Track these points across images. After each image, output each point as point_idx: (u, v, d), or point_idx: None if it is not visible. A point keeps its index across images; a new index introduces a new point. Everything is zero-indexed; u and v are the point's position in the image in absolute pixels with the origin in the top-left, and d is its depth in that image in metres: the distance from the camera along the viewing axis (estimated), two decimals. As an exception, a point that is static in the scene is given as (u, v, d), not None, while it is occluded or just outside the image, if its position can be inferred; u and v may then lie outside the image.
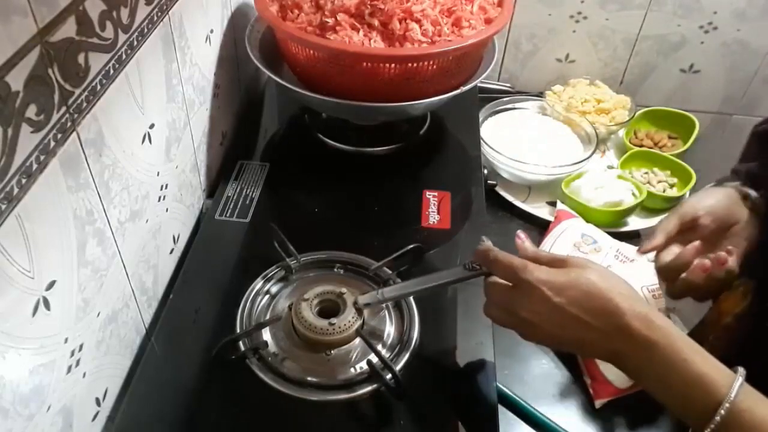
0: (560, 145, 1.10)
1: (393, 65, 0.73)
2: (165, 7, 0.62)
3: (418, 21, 0.77)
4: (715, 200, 0.69)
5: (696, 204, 0.69)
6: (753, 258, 0.66)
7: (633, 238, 1.00)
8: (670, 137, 1.21)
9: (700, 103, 1.29)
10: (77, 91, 0.47)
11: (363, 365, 0.59)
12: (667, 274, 0.65)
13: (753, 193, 0.69)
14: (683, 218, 0.68)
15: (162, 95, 0.64)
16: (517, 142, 1.07)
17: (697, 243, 0.64)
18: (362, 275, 0.68)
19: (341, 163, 0.87)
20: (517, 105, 1.18)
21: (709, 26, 1.19)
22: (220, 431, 0.57)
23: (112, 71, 0.52)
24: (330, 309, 0.62)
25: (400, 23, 0.76)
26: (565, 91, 1.23)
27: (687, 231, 0.68)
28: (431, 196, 0.80)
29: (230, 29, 0.86)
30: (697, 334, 0.83)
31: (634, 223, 1.03)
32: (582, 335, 0.49)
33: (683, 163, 1.11)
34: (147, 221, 0.64)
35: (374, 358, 0.58)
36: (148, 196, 0.63)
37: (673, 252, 0.66)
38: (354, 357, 0.60)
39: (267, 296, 0.66)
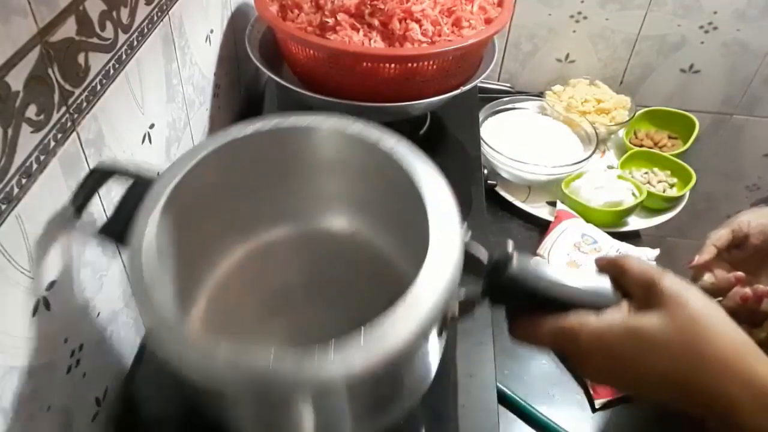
0: (560, 145, 1.10)
1: (393, 65, 0.73)
2: (165, 7, 0.62)
3: (418, 21, 0.77)
4: None
5: (750, 221, 0.67)
6: None
7: (633, 238, 1.01)
8: (670, 137, 1.21)
9: (700, 103, 1.29)
10: (77, 91, 0.47)
11: (363, 365, 0.59)
12: None
13: None
14: (735, 233, 0.67)
15: (162, 95, 0.64)
16: (517, 142, 1.07)
17: (739, 274, 0.62)
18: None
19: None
20: (517, 105, 1.18)
21: (709, 26, 1.19)
22: (220, 431, 0.57)
23: (112, 71, 0.52)
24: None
25: (400, 23, 0.76)
26: (565, 91, 1.23)
27: (735, 247, 0.67)
28: (431, 196, 0.80)
29: (230, 29, 0.86)
30: None
31: (634, 223, 1.03)
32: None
33: (683, 163, 1.11)
34: (147, 221, 0.63)
35: (374, 358, 0.58)
36: (148, 196, 0.63)
37: (711, 275, 0.66)
38: (354, 357, 0.60)
39: (267, 296, 0.66)
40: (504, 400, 0.73)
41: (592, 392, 0.76)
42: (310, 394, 0.35)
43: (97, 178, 0.48)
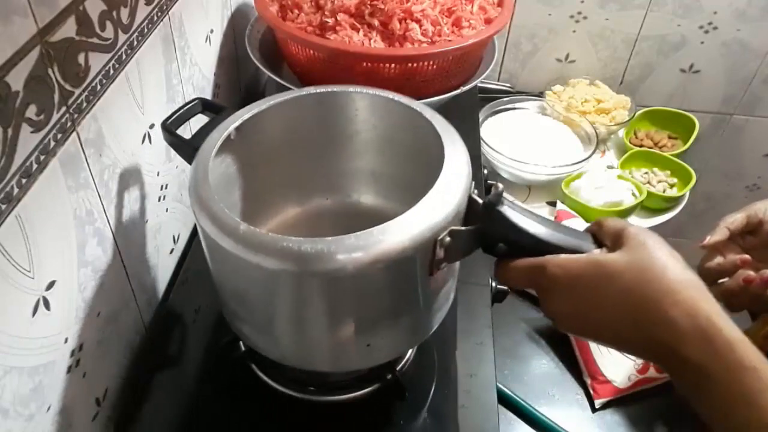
0: (560, 145, 1.10)
1: (393, 65, 0.73)
2: (165, 7, 0.62)
3: (418, 21, 0.77)
4: None
5: (766, 208, 0.67)
6: None
7: (633, 238, 1.00)
8: (670, 137, 1.21)
9: (700, 103, 1.29)
10: (77, 91, 0.47)
11: (363, 365, 0.59)
12: (705, 277, 0.65)
13: None
14: (751, 218, 0.67)
15: (162, 95, 0.64)
16: (517, 142, 1.07)
17: (745, 257, 0.63)
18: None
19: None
20: (517, 105, 1.18)
21: (709, 26, 1.19)
22: (221, 431, 0.57)
23: (112, 71, 0.52)
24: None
25: (400, 23, 0.76)
26: (565, 91, 1.23)
27: (749, 232, 0.67)
28: (431, 196, 0.80)
29: (230, 29, 0.86)
30: None
31: (634, 223, 1.03)
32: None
33: (683, 163, 1.11)
34: (147, 221, 0.64)
35: (374, 358, 0.59)
36: (148, 196, 0.63)
37: (719, 258, 0.66)
38: (354, 357, 0.60)
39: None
40: (504, 400, 0.73)
41: (592, 392, 0.76)
42: (321, 272, 0.41)
43: (194, 107, 0.56)
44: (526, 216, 0.46)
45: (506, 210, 0.45)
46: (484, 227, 0.46)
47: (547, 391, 0.77)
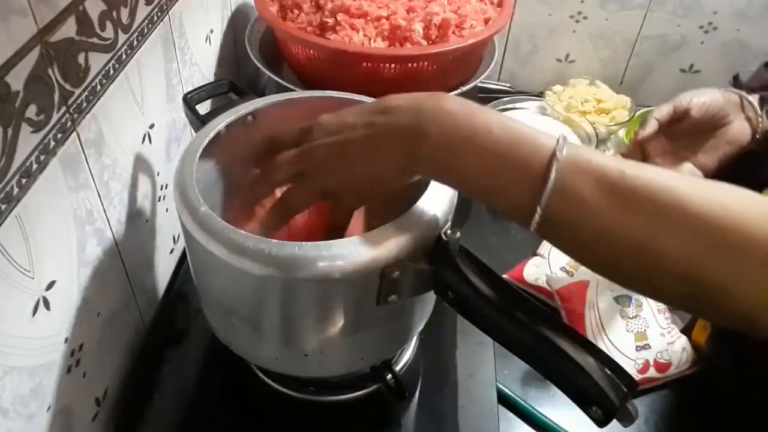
0: (560, 145, 1.10)
1: (393, 65, 0.73)
2: (165, 7, 0.62)
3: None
4: (710, 98, 0.72)
5: (692, 98, 0.73)
6: None
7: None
8: (670, 137, 1.21)
9: (700, 103, 1.29)
10: (77, 91, 0.47)
11: (363, 365, 0.59)
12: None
13: (753, 101, 0.72)
14: (677, 109, 0.72)
15: (162, 95, 0.64)
16: (517, 142, 1.07)
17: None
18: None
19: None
20: (517, 105, 1.18)
21: (709, 26, 1.19)
22: (221, 431, 0.57)
23: (112, 71, 0.52)
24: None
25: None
26: (565, 91, 1.23)
27: (676, 122, 0.73)
28: (431, 196, 0.80)
29: (230, 29, 0.86)
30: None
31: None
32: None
33: (683, 163, 1.10)
34: (147, 221, 0.64)
35: (374, 358, 0.59)
36: (147, 196, 0.63)
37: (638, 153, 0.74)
38: (354, 357, 0.60)
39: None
40: (504, 400, 0.73)
41: (592, 392, 0.76)
42: (305, 275, 0.42)
43: (220, 86, 0.61)
44: (481, 271, 0.43)
45: (459, 259, 0.43)
46: (437, 269, 0.44)
47: (547, 391, 0.76)
